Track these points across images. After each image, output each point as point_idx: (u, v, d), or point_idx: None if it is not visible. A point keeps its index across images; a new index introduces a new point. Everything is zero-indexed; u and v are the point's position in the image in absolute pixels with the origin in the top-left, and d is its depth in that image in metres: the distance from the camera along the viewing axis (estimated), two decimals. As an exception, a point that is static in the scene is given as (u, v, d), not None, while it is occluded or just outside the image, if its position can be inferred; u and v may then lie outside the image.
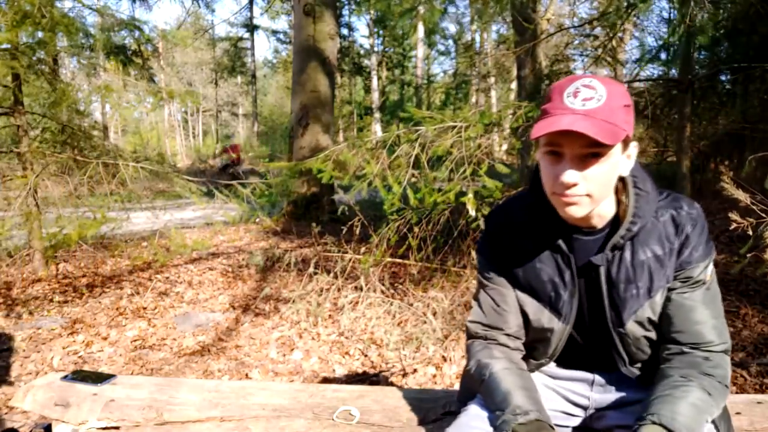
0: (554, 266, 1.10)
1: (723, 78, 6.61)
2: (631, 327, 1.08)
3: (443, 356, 2.86)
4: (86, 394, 1.55)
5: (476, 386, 1.16)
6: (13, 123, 4.57)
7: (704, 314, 1.05)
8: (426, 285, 3.74)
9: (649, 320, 1.07)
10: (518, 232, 1.14)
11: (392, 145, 3.64)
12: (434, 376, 2.71)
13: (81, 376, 1.67)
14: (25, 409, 1.71)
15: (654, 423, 0.93)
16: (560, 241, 1.08)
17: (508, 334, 1.17)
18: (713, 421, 1.01)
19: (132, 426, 1.44)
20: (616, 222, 1.06)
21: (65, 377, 1.65)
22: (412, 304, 3.45)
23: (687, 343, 1.05)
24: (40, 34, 4.36)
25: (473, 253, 3.64)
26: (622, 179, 1.04)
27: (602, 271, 1.06)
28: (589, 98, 0.94)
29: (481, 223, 3.23)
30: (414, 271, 3.96)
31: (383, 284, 3.66)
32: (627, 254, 1.05)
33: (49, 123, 5.10)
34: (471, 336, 1.22)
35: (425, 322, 3.18)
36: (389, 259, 3.93)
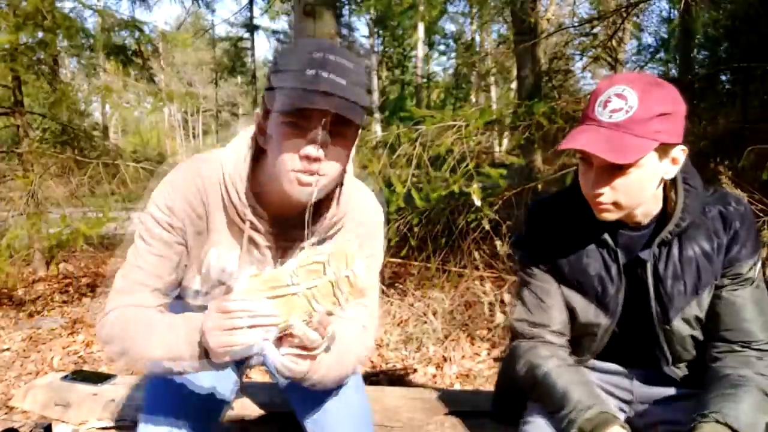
0: (601, 261, 1.09)
1: (723, 78, 6.60)
2: (678, 325, 1.06)
3: (443, 356, 2.86)
4: (86, 394, 1.55)
5: (527, 388, 1.13)
6: (13, 123, 4.57)
7: (753, 312, 1.04)
8: (426, 285, 3.74)
9: (697, 318, 1.06)
10: (562, 227, 1.13)
11: (393, 145, 3.64)
12: (434, 376, 2.71)
13: (81, 376, 1.68)
14: (25, 409, 1.71)
15: (718, 422, 0.91)
16: (606, 236, 1.07)
17: (553, 331, 1.14)
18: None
19: (132, 426, 1.44)
20: (663, 218, 1.04)
21: (65, 377, 1.66)
22: (412, 304, 3.45)
23: (737, 341, 1.04)
24: (40, 35, 4.36)
25: (474, 253, 3.64)
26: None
27: (649, 266, 1.05)
28: (618, 109, 0.92)
29: (485, 222, 3.22)
30: (414, 271, 3.95)
31: (383, 284, 3.66)
32: (675, 250, 1.05)
33: (49, 123, 5.10)
34: (516, 336, 1.19)
35: (425, 322, 3.18)
36: (389, 259, 3.93)
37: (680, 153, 0.98)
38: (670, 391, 1.13)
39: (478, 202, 3.13)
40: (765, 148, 2.78)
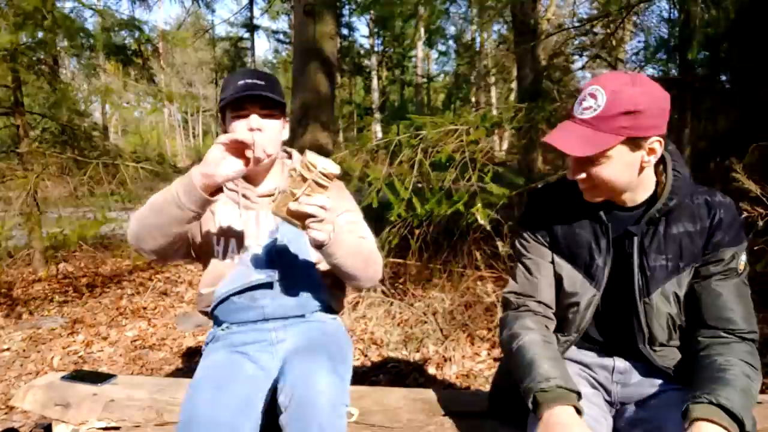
0: (591, 233, 1.18)
1: (723, 78, 6.59)
2: (657, 299, 1.12)
3: (443, 356, 2.86)
4: (86, 394, 1.55)
5: (506, 355, 1.19)
6: (13, 123, 4.56)
7: (737, 304, 1.09)
8: (427, 285, 3.74)
9: (675, 296, 1.12)
10: (560, 205, 1.22)
11: (395, 150, 3.63)
12: (434, 376, 2.71)
13: (81, 376, 1.67)
14: (25, 409, 1.71)
15: (711, 403, 0.93)
16: (601, 213, 1.16)
17: (539, 301, 1.22)
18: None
19: (132, 426, 1.44)
20: (653, 200, 1.13)
21: (65, 377, 1.65)
22: (412, 304, 3.45)
23: (722, 328, 1.09)
24: (40, 35, 4.36)
25: (475, 253, 3.64)
26: (663, 163, 1.12)
27: (636, 240, 1.13)
28: (588, 108, 1.03)
29: (485, 223, 3.22)
30: (414, 272, 3.95)
31: (384, 284, 3.66)
32: (661, 228, 1.13)
33: (49, 123, 5.10)
34: (505, 308, 1.27)
35: (425, 322, 3.18)
36: (390, 260, 3.93)
37: (657, 144, 1.05)
38: (649, 390, 1.17)
39: (481, 221, 3.15)
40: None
